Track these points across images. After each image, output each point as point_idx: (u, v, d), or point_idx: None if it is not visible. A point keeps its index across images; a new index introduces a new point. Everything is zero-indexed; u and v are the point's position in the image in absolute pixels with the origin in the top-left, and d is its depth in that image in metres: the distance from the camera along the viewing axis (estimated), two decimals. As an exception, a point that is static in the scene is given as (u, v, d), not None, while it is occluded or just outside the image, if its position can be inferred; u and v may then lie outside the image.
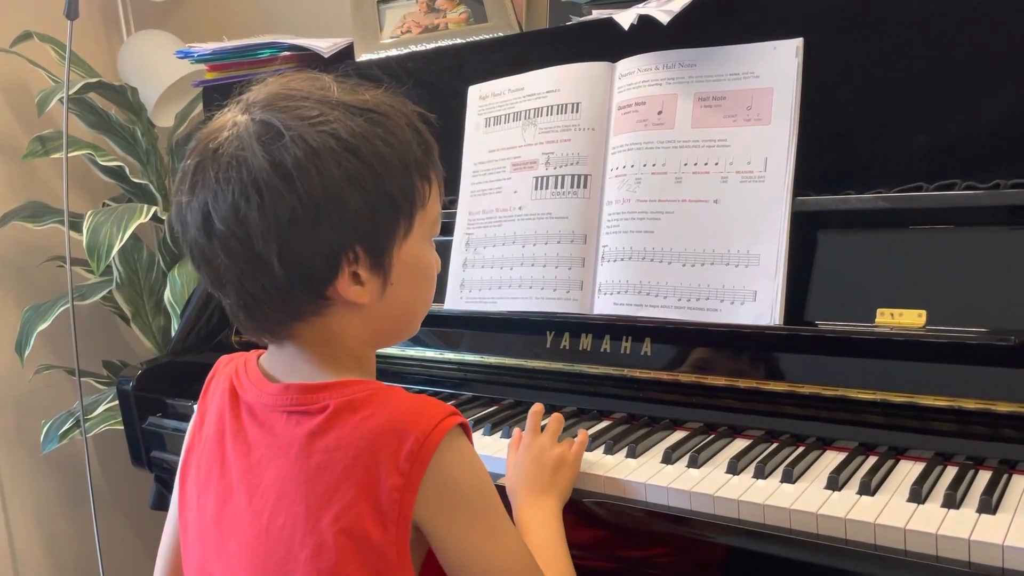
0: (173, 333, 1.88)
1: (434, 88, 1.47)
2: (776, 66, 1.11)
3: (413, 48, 1.57)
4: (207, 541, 0.86)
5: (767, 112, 1.11)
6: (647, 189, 1.17)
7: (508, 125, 1.33)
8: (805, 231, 1.08)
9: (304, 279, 0.78)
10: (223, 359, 0.94)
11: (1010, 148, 1.03)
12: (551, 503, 0.96)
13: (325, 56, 1.64)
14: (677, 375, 1.15)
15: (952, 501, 0.86)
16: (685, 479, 0.98)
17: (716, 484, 0.96)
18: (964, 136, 1.07)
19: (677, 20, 1.14)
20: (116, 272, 2.07)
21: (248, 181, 0.76)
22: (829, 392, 1.04)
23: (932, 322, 0.99)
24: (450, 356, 1.37)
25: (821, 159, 1.11)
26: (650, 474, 1.00)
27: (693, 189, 1.14)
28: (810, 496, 0.91)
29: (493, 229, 1.31)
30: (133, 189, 2.19)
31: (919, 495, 0.88)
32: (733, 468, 0.98)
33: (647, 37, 1.18)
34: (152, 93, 2.13)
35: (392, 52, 1.58)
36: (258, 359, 0.89)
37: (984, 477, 0.91)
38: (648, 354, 1.18)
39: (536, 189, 1.28)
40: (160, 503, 1.63)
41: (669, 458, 1.03)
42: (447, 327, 1.37)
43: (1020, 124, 1.03)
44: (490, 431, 1.18)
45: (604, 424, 1.18)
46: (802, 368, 1.07)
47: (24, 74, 2.19)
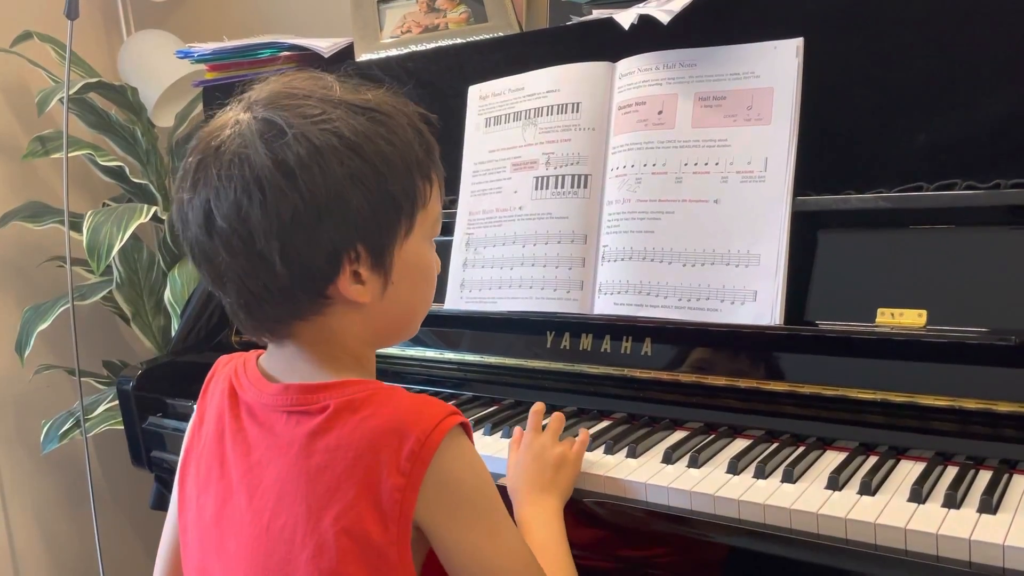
0: (173, 333, 1.88)
1: (434, 88, 1.47)
2: (776, 66, 1.11)
3: (413, 48, 1.57)
4: (207, 541, 0.86)
5: (767, 112, 1.11)
6: (647, 189, 1.17)
7: (508, 125, 1.33)
8: (805, 231, 1.08)
9: (305, 277, 0.78)
10: (222, 359, 0.94)
11: (1010, 148, 1.03)
12: (552, 502, 0.96)
13: (325, 56, 1.64)
14: (677, 375, 1.15)
15: (952, 501, 0.86)
16: (685, 479, 0.98)
17: (716, 484, 0.96)
18: (964, 136, 1.07)
19: (677, 20, 1.14)
20: (116, 272, 2.07)
21: (251, 178, 0.75)
22: (829, 392, 1.04)
23: (932, 322, 0.99)
24: (450, 356, 1.37)
25: (821, 159, 1.11)
26: (650, 474, 1.00)
27: (693, 189, 1.14)
28: (810, 496, 0.91)
29: (493, 229, 1.31)
30: (133, 189, 2.19)
31: (919, 495, 0.88)
32: (733, 468, 0.98)
33: (647, 37, 1.18)
34: (152, 93, 2.13)
35: (392, 52, 1.58)
36: (257, 359, 0.88)
37: (985, 477, 0.91)
38: (648, 354, 1.18)
39: (536, 189, 1.28)
40: (160, 503, 1.63)
41: (669, 458, 1.03)
42: (447, 327, 1.37)
43: (1020, 124, 1.03)
44: (490, 431, 1.18)
45: (604, 424, 1.18)
46: (802, 368, 1.07)
47: (24, 74, 2.19)
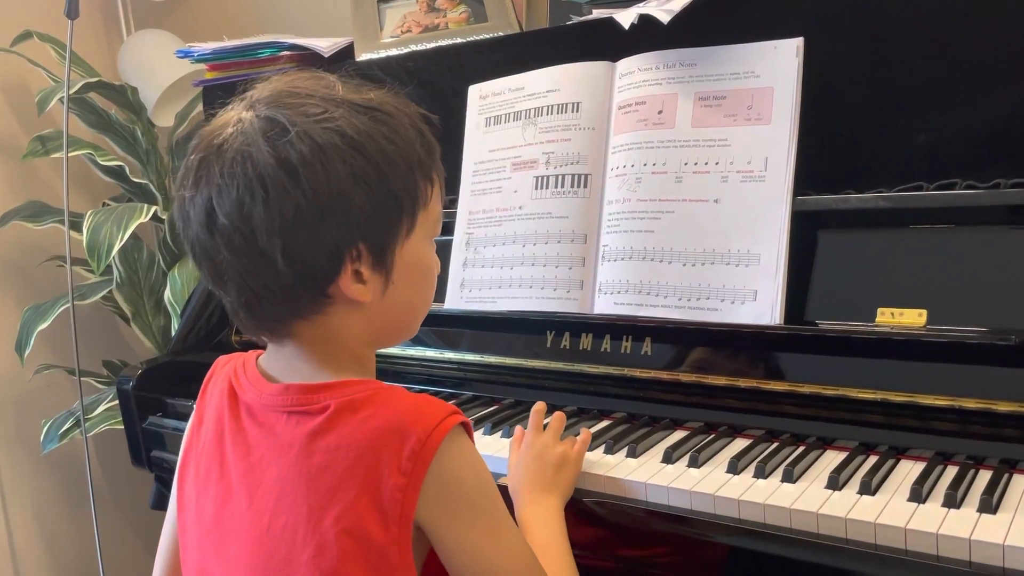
0: (173, 333, 1.88)
1: (434, 88, 1.47)
2: (776, 66, 1.11)
3: (413, 48, 1.57)
4: (206, 542, 0.85)
5: (767, 112, 1.11)
6: (647, 189, 1.17)
7: (508, 125, 1.33)
8: (805, 231, 1.08)
9: (307, 276, 0.78)
10: (221, 360, 0.94)
11: (1010, 148, 1.03)
12: (553, 501, 0.96)
13: (325, 56, 1.64)
14: (677, 375, 1.15)
15: (953, 501, 0.86)
16: (685, 479, 0.98)
17: (716, 484, 0.96)
18: (964, 136, 1.07)
19: (677, 20, 1.14)
20: (116, 272, 2.07)
21: (253, 176, 0.75)
22: (829, 392, 1.04)
23: (932, 321, 0.99)
24: (450, 356, 1.37)
25: (821, 159, 1.11)
26: (650, 474, 1.00)
27: (693, 189, 1.14)
28: (810, 496, 0.91)
29: (493, 228, 1.31)
30: (133, 189, 2.19)
31: (919, 495, 0.88)
32: (733, 468, 0.98)
33: (647, 37, 1.18)
34: (152, 93, 2.13)
35: (392, 52, 1.58)
36: (257, 360, 0.88)
37: (985, 477, 0.91)
38: (648, 354, 1.18)
39: (536, 188, 1.28)
40: (160, 503, 1.63)
41: (669, 458, 1.03)
42: (447, 327, 1.37)
43: (1020, 124, 1.03)
44: (490, 430, 1.18)
45: (604, 424, 1.18)
46: (802, 368, 1.07)
47: (24, 74, 2.19)
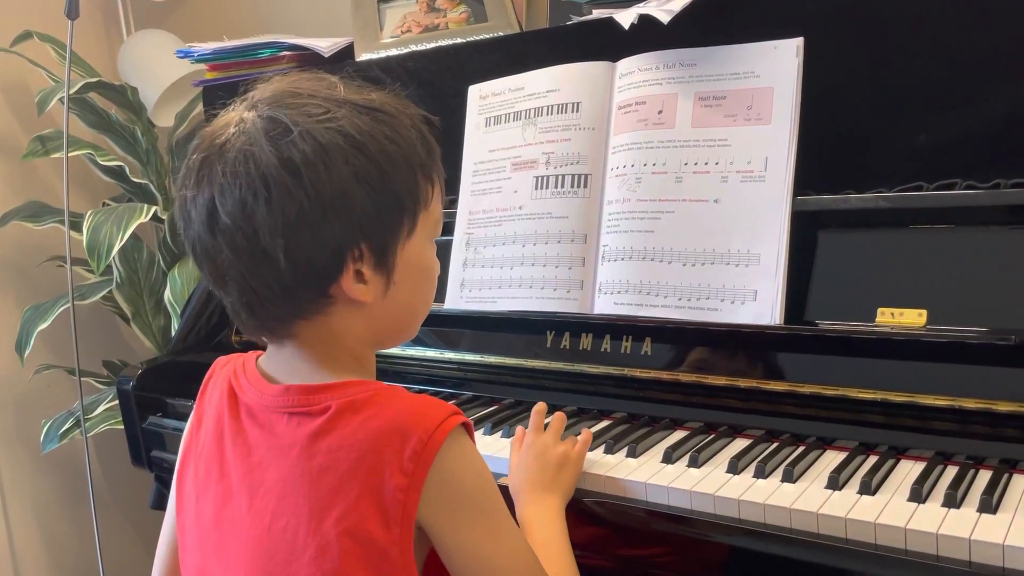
0: (173, 333, 1.88)
1: (434, 88, 1.47)
2: (776, 66, 1.11)
3: (413, 48, 1.57)
4: (206, 542, 0.85)
5: (767, 112, 1.11)
6: (647, 189, 1.17)
7: (508, 125, 1.33)
8: (805, 231, 1.08)
9: (309, 276, 0.78)
10: (219, 361, 0.94)
11: (1010, 148, 1.03)
12: (554, 501, 0.96)
13: (325, 56, 1.64)
14: (677, 375, 1.15)
15: (952, 501, 0.86)
16: (685, 479, 0.98)
17: (716, 484, 0.96)
18: (964, 136, 1.07)
19: (677, 19, 1.14)
20: (116, 272, 2.07)
21: (256, 176, 0.76)
22: (829, 392, 1.04)
23: (932, 321, 0.99)
24: (450, 356, 1.37)
25: (821, 159, 1.11)
26: (650, 473, 1.00)
27: (693, 189, 1.14)
28: (810, 496, 0.91)
29: (493, 229, 1.31)
30: (133, 189, 2.19)
31: (919, 495, 0.88)
32: (733, 468, 0.98)
33: (647, 37, 1.18)
34: (152, 93, 2.13)
35: (392, 52, 1.58)
36: (256, 360, 0.88)
37: (984, 477, 0.91)
38: (648, 354, 1.18)
39: (536, 189, 1.28)
40: (160, 503, 1.63)
41: (669, 458, 1.03)
42: (447, 327, 1.37)
43: (1020, 124, 1.03)
44: (490, 430, 1.18)
45: (604, 424, 1.18)
46: (802, 368, 1.07)
47: (24, 74, 2.19)
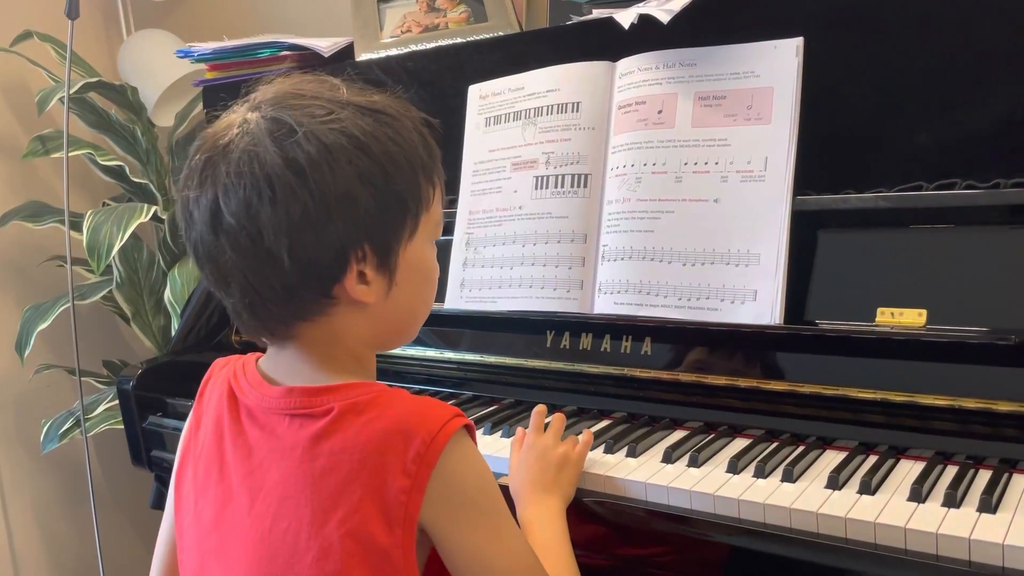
0: (173, 332, 1.88)
1: (434, 87, 1.47)
2: (776, 65, 1.11)
3: (413, 48, 1.57)
4: (205, 544, 0.85)
5: (767, 111, 1.11)
6: (647, 188, 1.17)
7: (508, 124, 1.33)
8: (805, 230, 1.08)
9: (312, 276, 0.78)
10: (218, 362, 0.93)
11: (1010, 147, 1.03)
12: (555, 502, 0.96)
13: (325, 56, 1.64)
14: (677, 374, 1.15)
15: (952, 500, 0.86)
16: (685, 478, 0.98)
17: (716, 483, 0.96)
18: (964, 136, 1.07)
19: (677, 19, 1.14)
20: (116, 272, 2.07)
21: (261, 176, 0.76)
22: (829, 391, 1.04)
23: (932, 321, 0.99)
24: (450, 355, 1.37)
25: (821, 159, 1.11)
26: (650, 473, 1.00)
27: (693, 188, 1.14)
28: (810, 495, 0.91)
29: (493, 228, 1.31)
30: (133, 189, 2.19)
31: (919, 494, 0.88)
32: (733, 467, 0.98)
33: (647, 36, 1.18)
34: (152, 93, 2.13)
35: (392, 52, 1.58)
36: (256, 362, 0.88)
37: (984, 476, 0.91)
38: (648, 353, 1.18)
39: (536, 188, 1.28)
40: (160, 502, 1.63)
41: (669, 457, 1.03)
42: (447, 326, 1.37)
43: (1020, 124, 1.03)
44: (490, 430, 1.18)
45: (604, 423, 1.18)
46: (802, 367, 1.07)
47: (24, 74, 2.19)
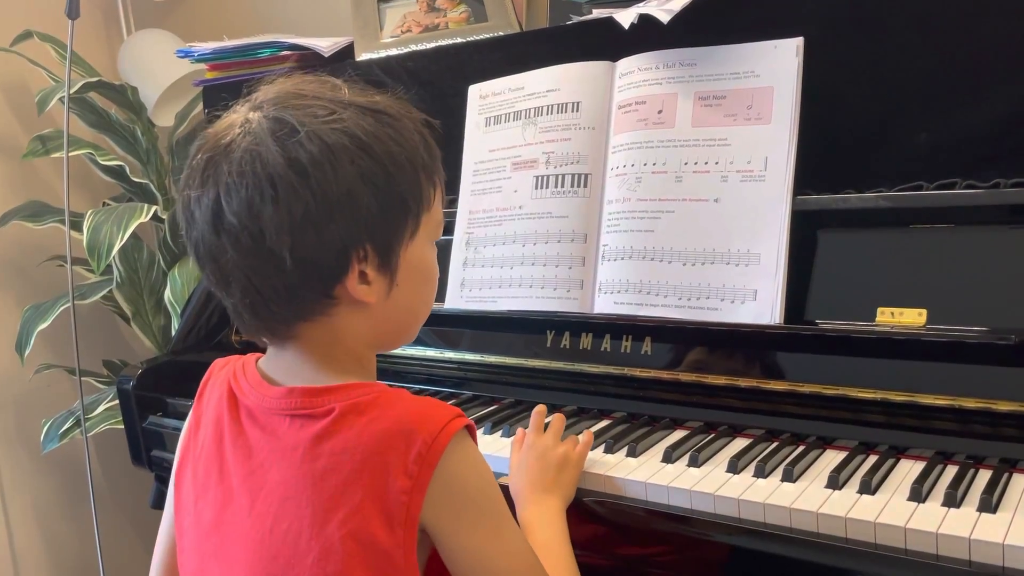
0: (173, 332, 1.88)
1: (434, 87, 1.47)
2: (776, 65, 1.11)
3: (413, 47, 1.57)
4: (205, 545, 0.85)
5: (767, 111, 1.11)
6: (647, 188, 1.17)
7: (508, 124, 1.33)
8: (805, 230, 1.08)
9: (314, 276, 0.78)
10: (217, 363, 0.93)
11: (1010, 147, 1.03)
12: (555, 502, 0.96)
13: (325, 55, 1.64)
14: (677, 374, 1.15)
15: (952, 500, 0.86)
16: (685, 478, 0.98)
17: (716, 483, 0.96)
18: (964, 135, 1.07)
19: (677, 19, 1.14)
20: (116, 271, 2.07)
21: (263, 176, 0.76)
22: (829, 391, 1.04)
23: (932, 321, 0.99)
24: (450, 355, 1.37)
25: (821, 158, 1.11)
26: (650, 473, 1.00)
27: (693, 188, 1.14)
28: (810, 495, 0.91)
29: (493, 228, 1.31)
30: (133, 188, 2.19)
31: (919, 494, 0.88)
32: (733, 467, 0.98)
33: (647, 36, 1.18)
34: (152, 92, 2.13)
35: (392, 51, 1.58)
36: (256, 362, 0.88)
37: (984, 476, 0.91)
38: (648, 353, 1.18)
39: (536, 188, 1.28)
40: (160, 502, 1.62)
41: (669, 457, 1.03)
42: (447, 326, 1.37)
43: (1020, 124, 1.03)
44: (490, 430, 1.18)
45: (604, 423, 1.18)
46: (802, 367, 1.07)
47: (24, 73, 2.19)
